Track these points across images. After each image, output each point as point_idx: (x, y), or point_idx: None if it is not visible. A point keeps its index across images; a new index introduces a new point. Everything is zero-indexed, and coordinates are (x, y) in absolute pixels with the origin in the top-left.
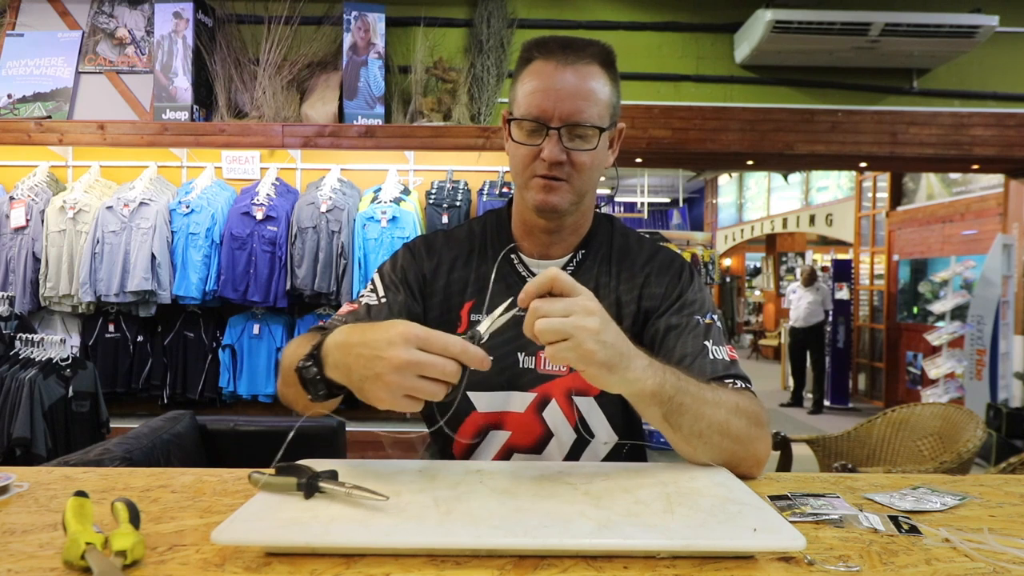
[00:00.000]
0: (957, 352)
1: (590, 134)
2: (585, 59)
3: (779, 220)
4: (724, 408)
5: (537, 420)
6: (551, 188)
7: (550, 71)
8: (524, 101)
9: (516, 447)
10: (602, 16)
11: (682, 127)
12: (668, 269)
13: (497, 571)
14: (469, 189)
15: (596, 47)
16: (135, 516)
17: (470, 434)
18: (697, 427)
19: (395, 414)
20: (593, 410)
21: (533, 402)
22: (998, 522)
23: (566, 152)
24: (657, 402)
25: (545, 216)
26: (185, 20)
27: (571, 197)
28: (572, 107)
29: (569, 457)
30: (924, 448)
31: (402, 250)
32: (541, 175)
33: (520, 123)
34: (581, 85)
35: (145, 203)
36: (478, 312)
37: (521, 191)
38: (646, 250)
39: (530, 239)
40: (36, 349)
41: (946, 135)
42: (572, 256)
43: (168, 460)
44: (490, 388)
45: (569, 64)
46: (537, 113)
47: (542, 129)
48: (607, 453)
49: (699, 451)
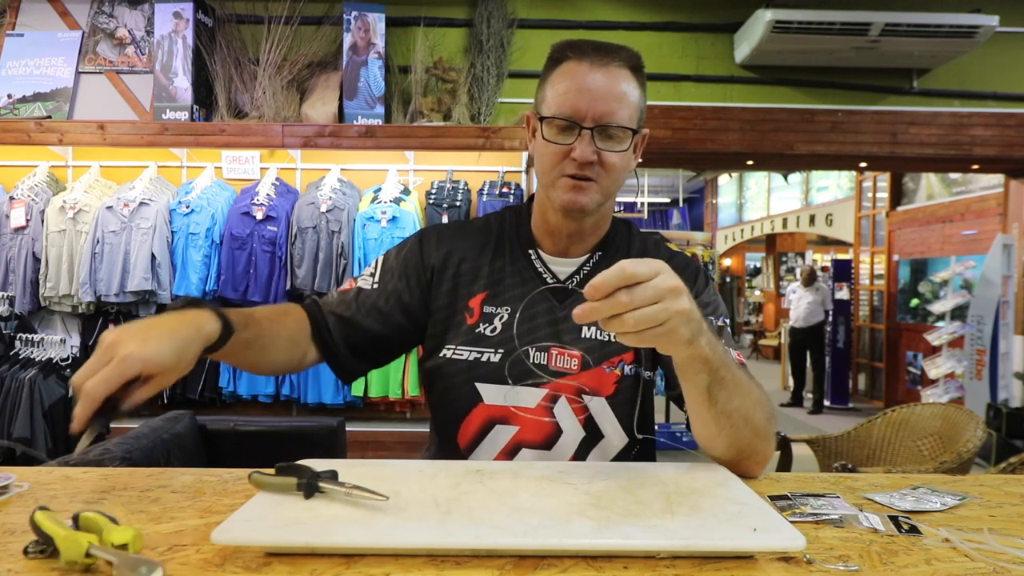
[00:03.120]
0: (957, 352)
1: (621, 135)
2: (617, 62)
3: (779, 220)
4: (752, 397)
5: (548, 416)
6: (580, 188)
7: (584, 72)
8: (556, 101)
9: (525, 443)
10: (602, 16)
11: (682, 127)
12: (684, 272)
13: (497, 571)
14: (469, 189)
15: (627, 52)
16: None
17: (475, 426)
18: (730, 406)
19: (396, 414)
20: (604, 410)
21: (544, 399)
22: (998, 522)
23: (597, 152)
24: (708, 369)
25: (571, 216)
26: (185, 20)
27: (598, 198)
28: (605, 108)
29: (577, 455)
30: (924, 448)
31: (412, 238)
32: (570, 174)
33: (552, 122)
34: (614, 87)
35: (145, 203)
36: (491, 304)
37: (547, 189)
38: (663, 254)
39: (550, 237)
40: (36, 349)
41: (946, 135)
42: (590, 256)
43: (168, 460)
44: (498, 381)
45: (603, 66)
46: (570, 112)
47: (574, 128)
48: (616, 453)
49: (723, 432)
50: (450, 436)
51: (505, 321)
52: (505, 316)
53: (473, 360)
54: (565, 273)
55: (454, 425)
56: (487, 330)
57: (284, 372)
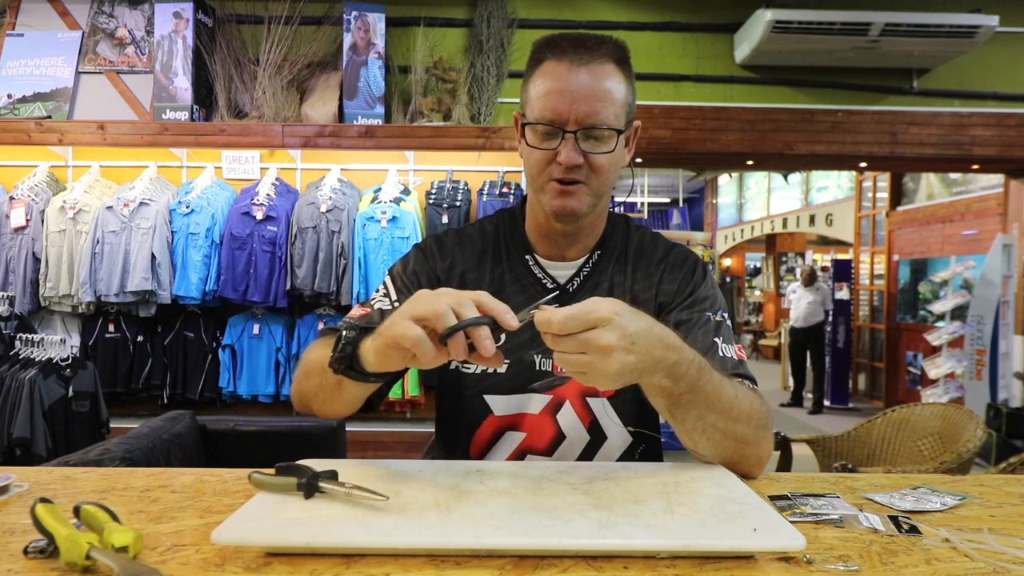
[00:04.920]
0: (957, 352)
1: (607, 136)
2: (599, 58)
3: (779, 220)
4: (734, 411)
5: (551, 422)
6: (568, 192)
7: (563, 72)
8: (538, 104)
9: (530, 449)
10: (602, 16)
11: (682, 127)
12: (682, 266)
13: (497, 571)
14: (469, 189)
15: (610, 44)
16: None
17: (486, 436)
18: (702, 423)
19: (396, 414)
20: (606, 411)
21: (548, 404)
22: (998, 522)
23: (583, 155)
24: (664, 395)
25: (562, 220)
26: (185, 20)
27: (589, 200)
28: (588, 109)
29: (582, 459)
30: (924, 448)
31: (413, 251)
32: (557, 179)
33: (534, 127)
34: (596, 85)
35: (145, 203)
36: None
37: (537, 195)
38: (661, 248)
39: (545, 241)
40: (36, 349)
41: (946, 135)
42: (588, 257)
43: (168, 460)
44: (508, 392)
45: (583, 64)
46: (552, 116)
47: (558, 132)
48: (620, 454)
49: (700, 445)
50: (462, 447)
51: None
52: None
53: (480, 373)
54: (564, 277)
55: (466, 437)
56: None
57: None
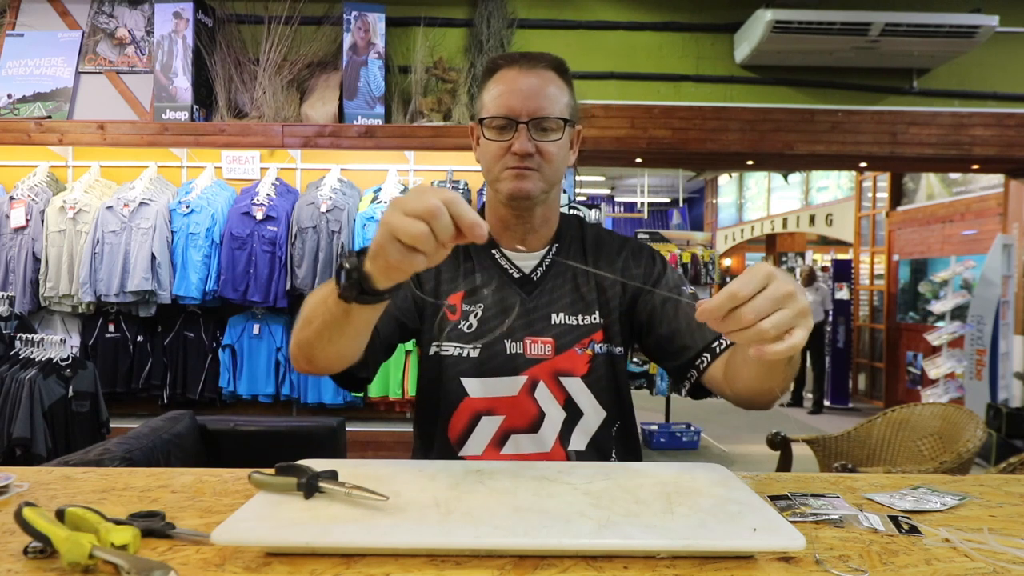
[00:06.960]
0: (957, 352)
1: (555, 127)
2: (542, 66)
3: (779, 220)
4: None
5: (531, 401)
6: (523, 176)
7: (514, 76)
8: (493, 103)
9: (513, 429)
10: (602, 16)
11: (682, 127)
12: (641, 254)
13: (497, 571)
14: (469, 189)
15: (550, 58)
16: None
17: (464, 420)
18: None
19: (396, 414)
20: (581, 390)
21: (525, 385)
22: (998, 522)
23: (535, 144)
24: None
25: (517, 203)
26: (185, 20)
27: (542, 184)
28: (537, 104)
29: (562, 434)
30: (924, 448)
31: None
32: (512, 166)
33: (491, 122)
34: (543, 86)
35: (145, 203)
36: (469, 303)
37: (494, 184)
38: (616, 239)
39: (507, 234)
40: (36, 349)
41: (946, 135)
42: (548, 249)
43: (168, 460)
44: (481, 375)
45: (531, 69)
46: (506, 111)
47: (511, 125)
48: (597, 428)
49: (768, 383)
50: (440, 431)
51: (480, 317)
52: (480, 312)
53: (456, 356)
54: (529, 266)
55: (444, 420)
56: (465, 327)
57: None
